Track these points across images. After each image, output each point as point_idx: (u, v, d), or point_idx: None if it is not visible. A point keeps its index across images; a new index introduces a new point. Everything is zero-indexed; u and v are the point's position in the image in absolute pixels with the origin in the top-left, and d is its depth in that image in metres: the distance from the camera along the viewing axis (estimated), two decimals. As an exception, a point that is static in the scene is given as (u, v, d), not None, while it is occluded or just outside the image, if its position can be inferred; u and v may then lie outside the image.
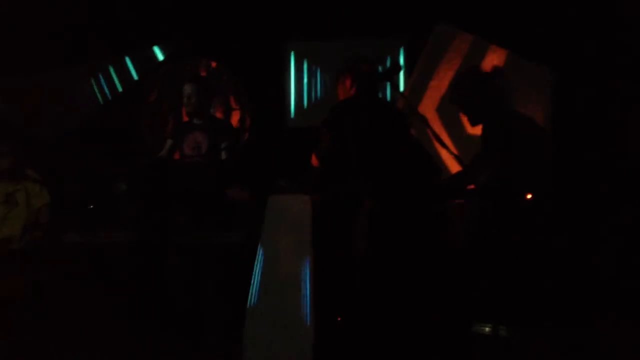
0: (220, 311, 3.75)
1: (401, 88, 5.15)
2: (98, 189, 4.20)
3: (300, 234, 3.30)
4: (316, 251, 3.29)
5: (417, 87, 5.16)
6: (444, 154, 4.48)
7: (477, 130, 3.50)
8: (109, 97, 5.67)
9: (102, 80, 5.69)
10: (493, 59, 4.64)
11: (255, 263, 3.34)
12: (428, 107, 4.43)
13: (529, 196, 3.19)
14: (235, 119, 5.58)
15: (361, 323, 3.38)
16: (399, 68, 4.79)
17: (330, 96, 5.39)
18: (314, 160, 3.66)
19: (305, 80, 5.47)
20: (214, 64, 5.60)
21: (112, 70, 5.70)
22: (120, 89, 5.69)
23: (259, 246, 3.37)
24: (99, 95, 5.69)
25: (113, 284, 3.75)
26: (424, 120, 3.73)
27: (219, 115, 5.51)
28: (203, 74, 5.58)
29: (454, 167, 4.58)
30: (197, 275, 3.81)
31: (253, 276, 3.30)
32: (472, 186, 3.55)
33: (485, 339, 3.42)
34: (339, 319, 3.46)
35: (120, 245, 3.87)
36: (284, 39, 5.46)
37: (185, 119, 4.99)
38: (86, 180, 4.43)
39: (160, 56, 5.68)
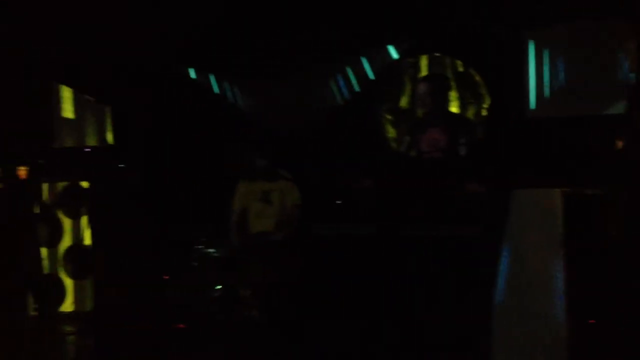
0: (456, 303, 3.73)
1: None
2: (342, 184, 4.41)
3: (550, 229, 3.14)
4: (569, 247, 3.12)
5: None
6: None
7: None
8: (348, 96, 5.91)
9: (341, 80, 5.96)
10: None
11: (501, 259, 3.25)
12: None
13: None
14: (471, 112, 5.50)
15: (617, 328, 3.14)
16: None
17: (576, 83, 5.09)
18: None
19: (547, 69, 5.21)
20: (449, 59, 5.56)
21: (349, 70, 5.93)
22: (357, 89, 5.89)
23: (504, 242, 3.28)
24: (337, 95, 5.96)
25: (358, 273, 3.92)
26: None
27: (454, 110, 5.47)
28: (438, 69, 5.57)
29: None
30: (434, 269, 3.83)
31: (499, 272, 3.23)
32: None
33: None
34: (591, 321, 3.26)
35: (363, 237, 4.02)
36: (522, 28, 5.25)
37: (421, 115, 5.04)
38: (331, 176, 4.67)
39: (394, 54, 5.78)
